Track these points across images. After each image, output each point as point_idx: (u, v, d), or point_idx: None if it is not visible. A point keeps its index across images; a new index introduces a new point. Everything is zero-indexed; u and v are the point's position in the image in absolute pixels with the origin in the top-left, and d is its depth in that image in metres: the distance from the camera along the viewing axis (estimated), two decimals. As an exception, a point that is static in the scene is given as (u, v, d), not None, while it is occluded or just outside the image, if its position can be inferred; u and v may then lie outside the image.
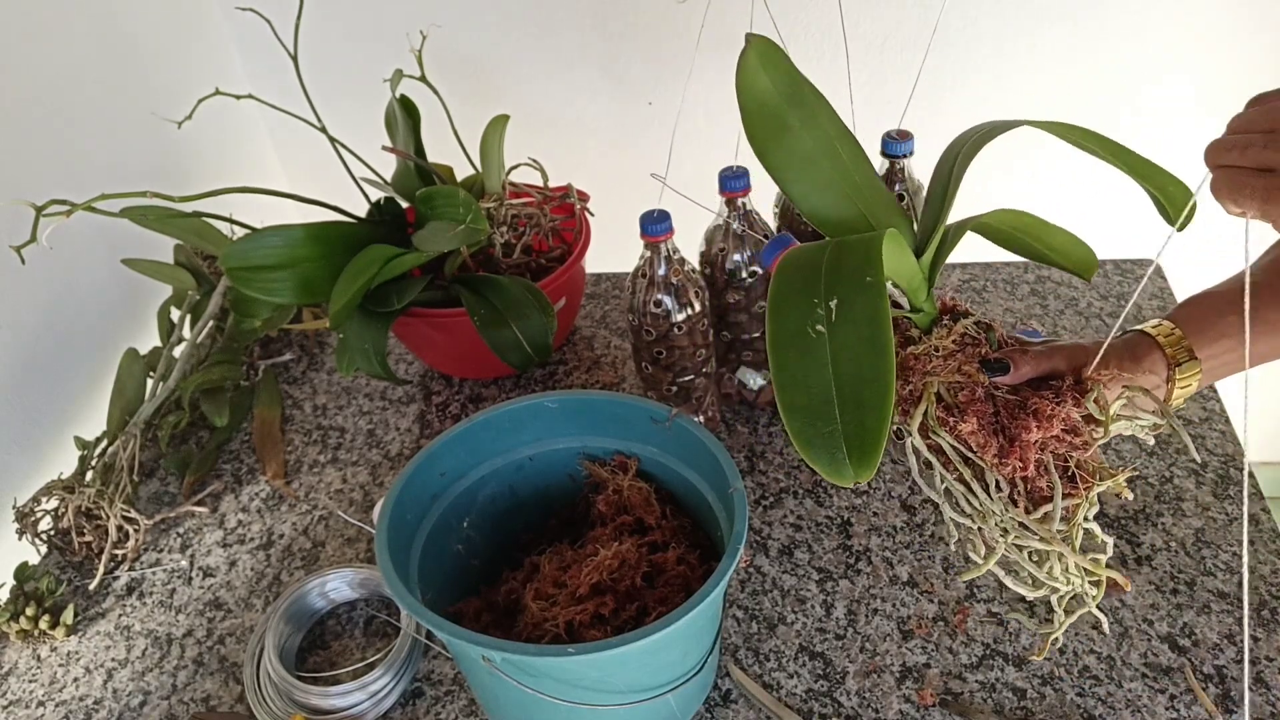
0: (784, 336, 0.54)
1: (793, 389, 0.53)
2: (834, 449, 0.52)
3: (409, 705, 0.78)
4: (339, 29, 1.32)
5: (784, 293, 0.56)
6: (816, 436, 0.52)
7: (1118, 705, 0.73)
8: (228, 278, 0.91)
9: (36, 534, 0.92)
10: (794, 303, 0.55)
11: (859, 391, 0.52)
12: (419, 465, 0.74)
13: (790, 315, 0.55)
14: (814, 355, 0.53)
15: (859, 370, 0.52)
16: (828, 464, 0.52)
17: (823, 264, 0.56)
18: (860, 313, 0.53)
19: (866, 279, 0.53)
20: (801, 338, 0.54)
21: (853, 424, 0.52)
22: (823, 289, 0.54)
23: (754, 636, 0.80)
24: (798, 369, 0.53)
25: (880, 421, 0.51)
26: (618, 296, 1.21)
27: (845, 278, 0.54)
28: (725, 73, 1.38)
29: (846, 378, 0.52)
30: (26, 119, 1.00)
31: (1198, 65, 1.25)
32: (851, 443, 0.51)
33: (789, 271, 0.57)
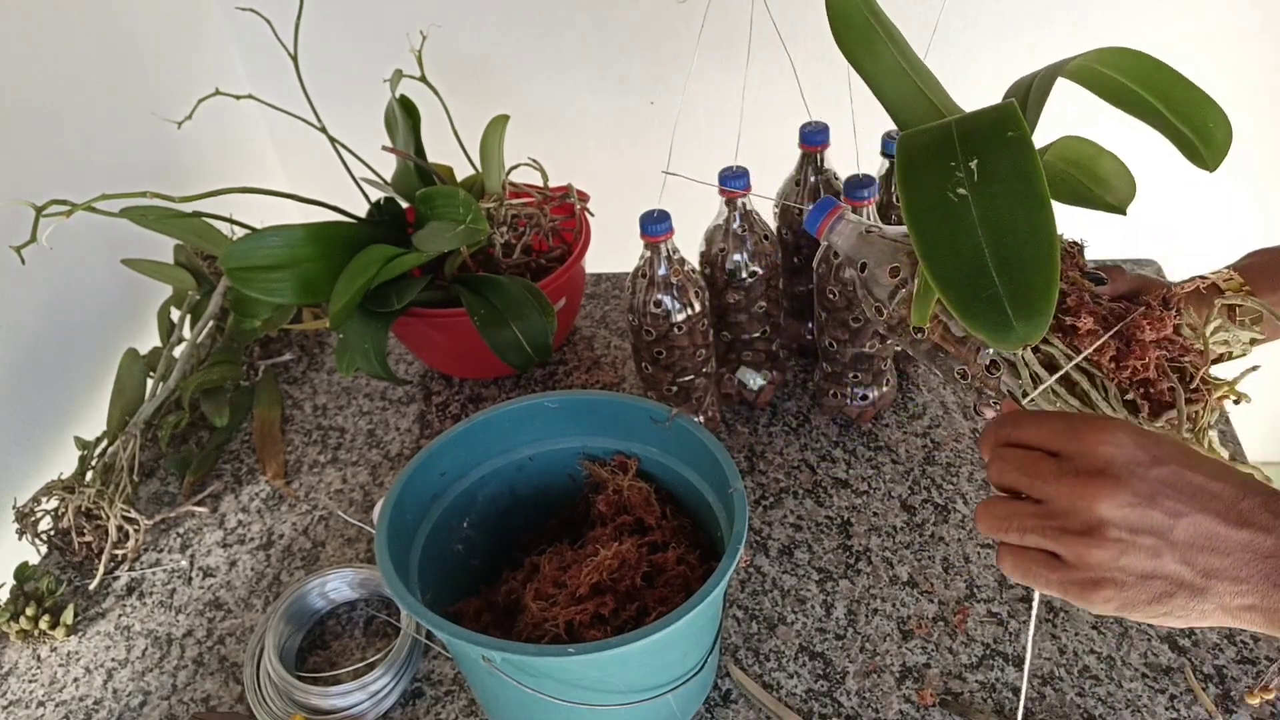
0: (922, 207, 0.52)
1: (941, 259, 0.51)
2: (997, 313, 0.49)
3: (409, 705, 0.78)
4: (339, 29, 1.32)
5: (913, 162, 0.53)
6: (976, 301, 0.50)
7: (1118, 705, 0.73)
8: (228, 278, 0.91)
9: (36, 534, 0.92)
10: (927, 170, 0.52)
11: (1017, 250, 0.49)
12: (419, 465, 0.74)
13: (926, 184, 0.52)
14: (960, 220, 0.51)
15: (1013, 226, 0.50)
16: (992, 329, 0.49)
17: (952, 132, 0.53)
18: (1006, 169, 0.50)
19: (1009, 134, 0.51)
20: (942, 205, 0.51)
21: (1014, 284, 0.49)
22: (959, 152, 0.52)
23: (754, 636, 0.80)
24: (943, 237, 0.51)
25: (1048, 276, 0.49)
26: (618, 296, 1.21)
27: (983, 138, 0.52)
28: (725, 73, 1.39)
29: (999, 238, 0.50)
30: (26, 119, 1.00)
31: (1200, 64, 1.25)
32: (1016, 303, 0.49)
33: (914, 144, 0.54)
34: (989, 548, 0.85)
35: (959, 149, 0.52)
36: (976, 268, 0.50)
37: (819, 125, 0.94)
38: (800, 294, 1.03)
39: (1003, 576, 0.83)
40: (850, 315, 0.90)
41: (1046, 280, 0.49)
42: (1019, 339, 0.49)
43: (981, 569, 0.83)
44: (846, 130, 0.91)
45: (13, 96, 0.99)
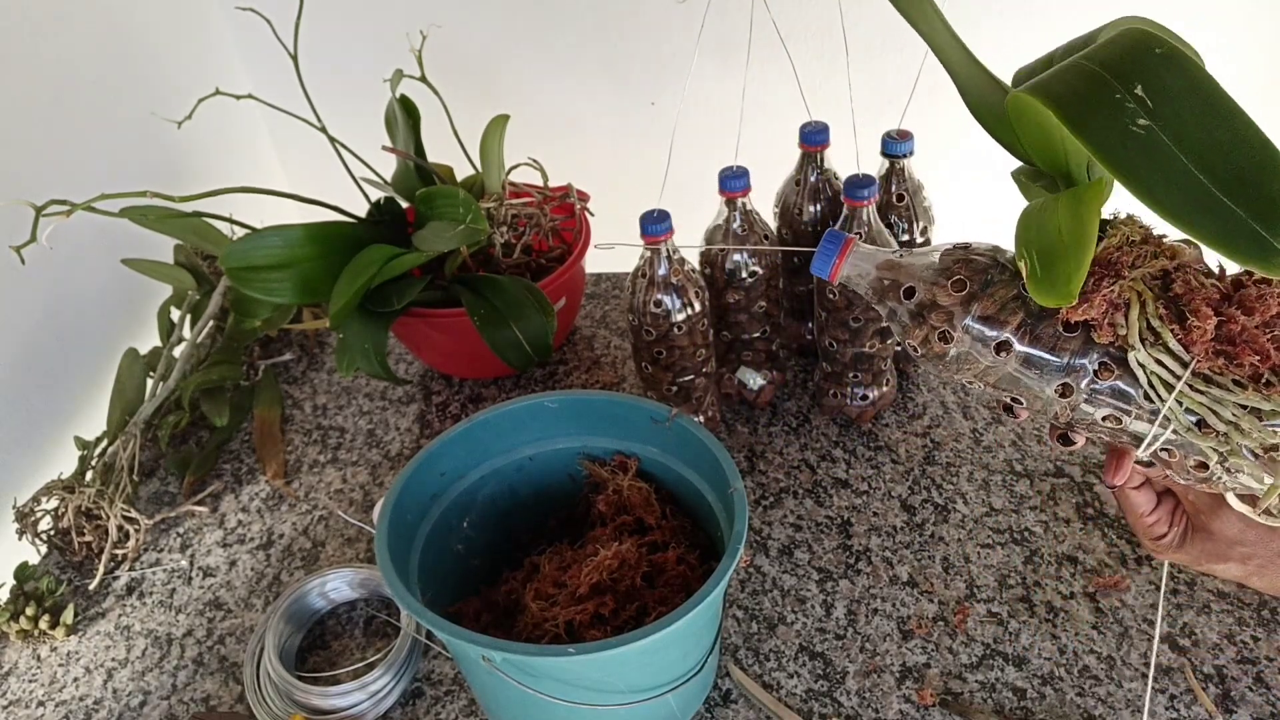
0: (1116, 151, 0.47)
1: (1166, 191, 0.46)
2: (1249, 235, 0.45)
3: (409, 705, 0.78)
4: (339, 29, 1.32)
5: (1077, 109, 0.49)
6: (1226, 233, 0.45)
7: (1118, 705, 0.73)
8: (228, 278, 0.91)
9: (36, 534, 0.92)
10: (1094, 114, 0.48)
11: (1233, 166, 0.45)
12: (419, 465, 0.74)
13: (1103, 125, 0.48)
14: (1159, 152, 0.46)
15: (1217, 143, 0.46)
16: (1258, 257, 0.44)
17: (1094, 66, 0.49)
18: (1177, 86, 0.47)
19: (1156, 51, 0.47)
20: (1131, 140, 0.47)
21: (1250, 201, 0.45)
22: (1116, 84, 0.48)
23: (754, 636, 0.80)
24: (1150, 171, 0.46)
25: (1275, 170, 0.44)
26: (618, 296, 1.21)
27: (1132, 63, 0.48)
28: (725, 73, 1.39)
29: (1207, 157, 0.46)
30: (26, 119, 1.00)
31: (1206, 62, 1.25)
32: (1266, 221, 0.44)
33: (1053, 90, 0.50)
34: (989, 548, 0.85)
35: (1114, 81, 0.48)
36: (1204, 195, 0.46)
37: (819, 125, 0.94)
38: (800, 294, 1.03)
39: (1003, 576, 0.83)
40: (850, 315, 0.90)
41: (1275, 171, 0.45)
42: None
43: (981, 569, 0.83)
44: (846, 130, 0.91)
45: (13, 96, 0.99)
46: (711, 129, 1.28)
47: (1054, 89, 0.50)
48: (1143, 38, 0.48)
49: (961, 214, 1.37)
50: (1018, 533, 0.86)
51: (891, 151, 0.93)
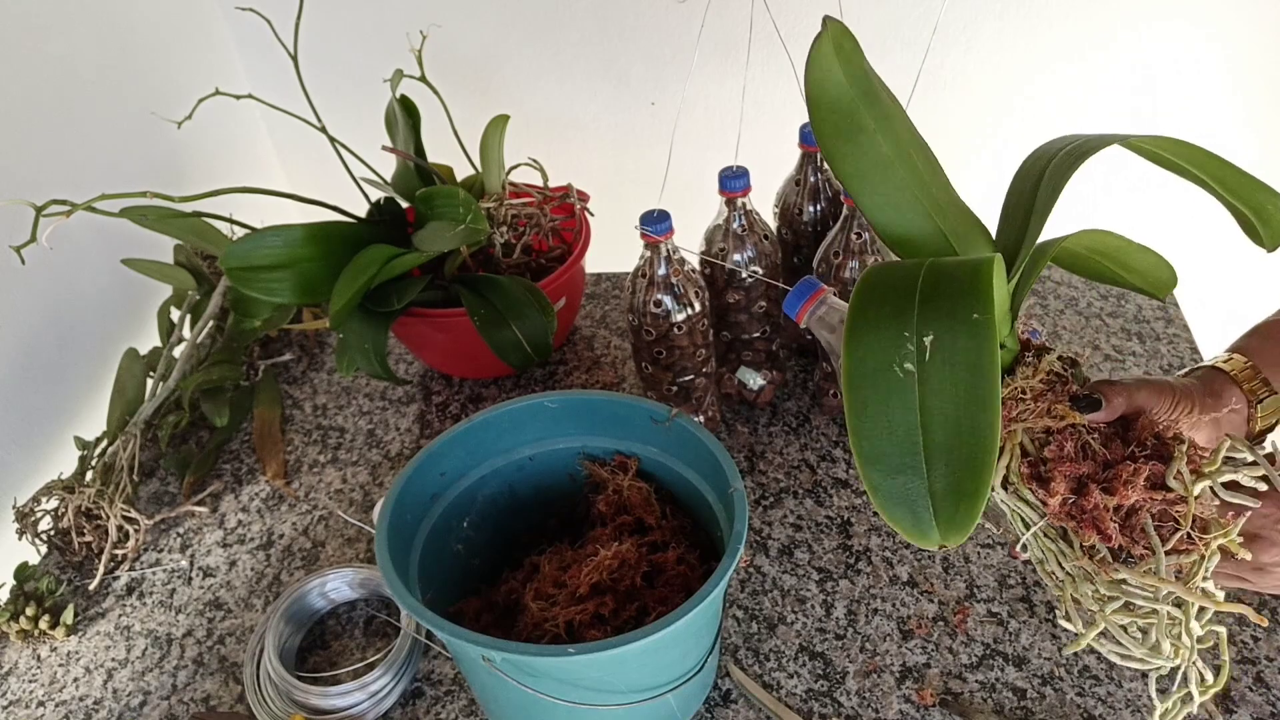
0: (863, 371, 0.47)
1: (872, 435, 0.47)
2: (918, 508, 0.46)
3: (409, 705, 0.78)
4: (339, 29, 1.32)
5: (866, 319, 0.48)
6: (897, 492, 0.46)
7: (1118, 705, 0.73)
8: (228, 278, 0.91)
9: (36, 534, 0.92)
10: (877, 332, 0.47)
11: (953, 445, 0.45)
12: (419, 465, 0.74)
13: (872, 347, 0.47)
14: (899, 397, 0.46)
15: (956, 420, 0.45)
16: (910, 524, 0.46)
17: (916, 289, 0.48)
18: (962, 355, 0.46)
19: (973, 315, 0.46)
20: (885, 375, 0.47)
21: (943, 481, 0.46)
22: (915, 320, 0.47)
23: (754, 636, 0.80)
24: (878, 412, 0.47)
25: (979, 483, 0.45)
26: (618, 296, 1.21)
27: (945, 310, 0.47)
28: (725, 73, 1.39)
29: (939, 427, 0.46)
30: (26, 119, 1.00)
31: (1206, 62, 1.25)
32: (940, 503, 0.46)
33: (872, 293, 0.49)
34: (989, 548, 0.85)
35: (917, 317, 0.47)
36: (908, 453, 0.46)
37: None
38: (800, 294, 1.03)
39: (1003, 576, 0.83)
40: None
41: (977, 485, 0.45)
42: (937, 540, 0.46)
43: (981, 569, 0.83)
44: (846, 130, 0.90)
45: (13, 96, 0.99)
46: (711, 129, 1.29)
47: (875, 285, 0.49)
48: (978, 289, 0.47)
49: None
50: (1018, 533, 0.86)
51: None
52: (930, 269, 0.49)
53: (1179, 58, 1.25)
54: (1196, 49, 1.24)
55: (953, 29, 1.24)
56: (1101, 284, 0.64)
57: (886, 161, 0.57)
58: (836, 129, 0.56)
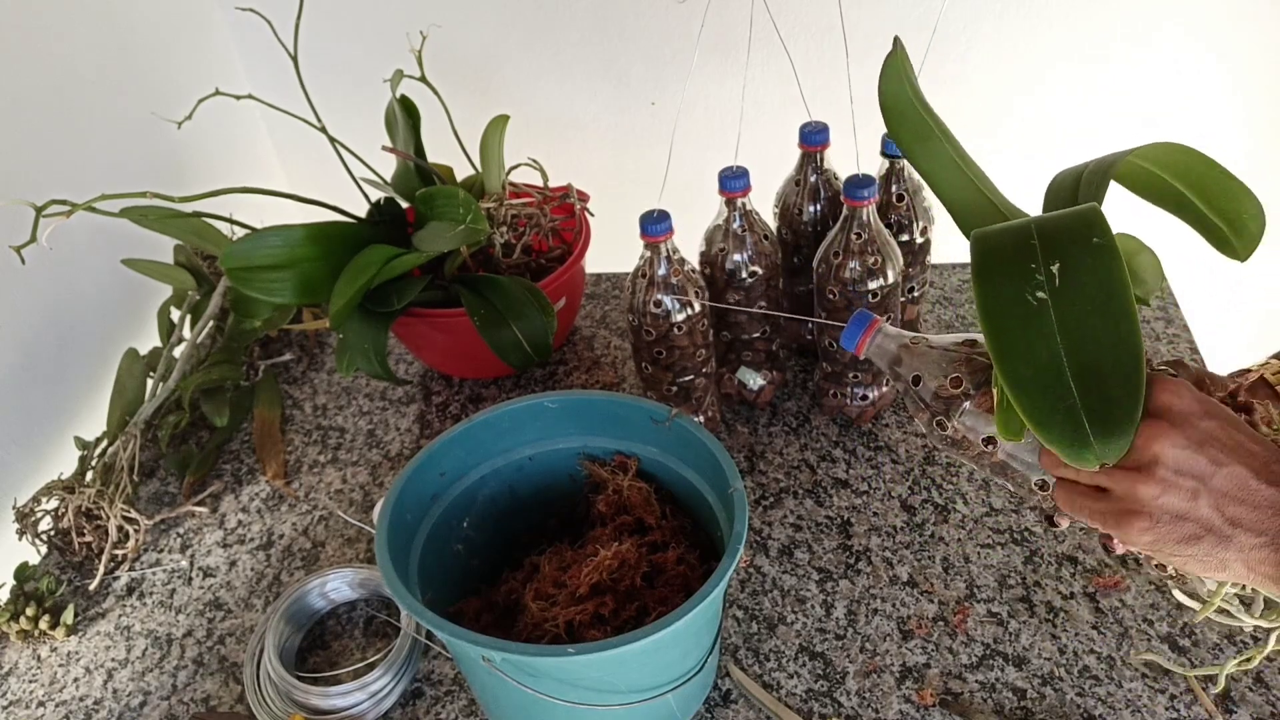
0: (998, 308, 0.50)
1: (1015, 359, 0.49)
2: (1074, 425, 0.47)
3: (409, 705, 0.78)
4: (339, 29, 1.32)
5: (989, 262, 0.51)
6: (1053, 413, 0.47)
7: (1118, 705, 0.73)
8: (228, 278, 0.91)
9: (36, 534, 0.92)
10: (1005, 271, 0.50)
11: (1099, 362, 0.47)
12: (419, 465, 0.74)
13: (1003, 284, 0.50)
14: (1037, 324, 0.48)
15: (1095, 337, 0.47)
16: (1067, 444, 0.47)
17: (1032, 232, 0.51)
18: (1092, 274, 0.48)
19: (1094, 240, 0.49)
20: (1020, 307, 0.49)
21: (1094, 397, 0.47)
22: (1039, 254, 0.49)
23: (754, 636, 0.80)
24: (1019, 341, 0.49)
25: (1131, 392, 0.47)
26: (618, 296, 1.21)
27: (1066, 241, 0.49)
28: (725, 73, 1.39)
29: (1080, 347, 0.48)
30: (26, 119, 1.00)
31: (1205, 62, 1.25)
32: (1095, 418, 0.47)
33: (990, 244, 0.52)
34: (989, 548, 0.85)
35: (1039, 251, 0.50)
36: (1054, 376, 0.48)
37: (819, 125, 0.94)
38: (800, 294, 1.03)
39: (1003, 576, 0.83)
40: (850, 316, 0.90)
41: (1130, 397, 0.47)
42: (1095, 458, 0.48)
43: (981, 569, 0.83)
44: (846, 130, 0.91)
45: (13, 96, 0.99)
46: (711, 129, 1.28)
47: (990, 240, 0.52)
48: (1089, 222, 0.50)
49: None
50: (1018, 533, 0.86)
51: (891, 151, 0.93)
52: (1039, 220, 0.52)
53: (1178, 58, 1.25)
54: (1196, 49, 1.24)
55: (953, 29, 1.24)
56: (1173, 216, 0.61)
57: (953, 163, 0.63)
58: (913, 133, 0.64)
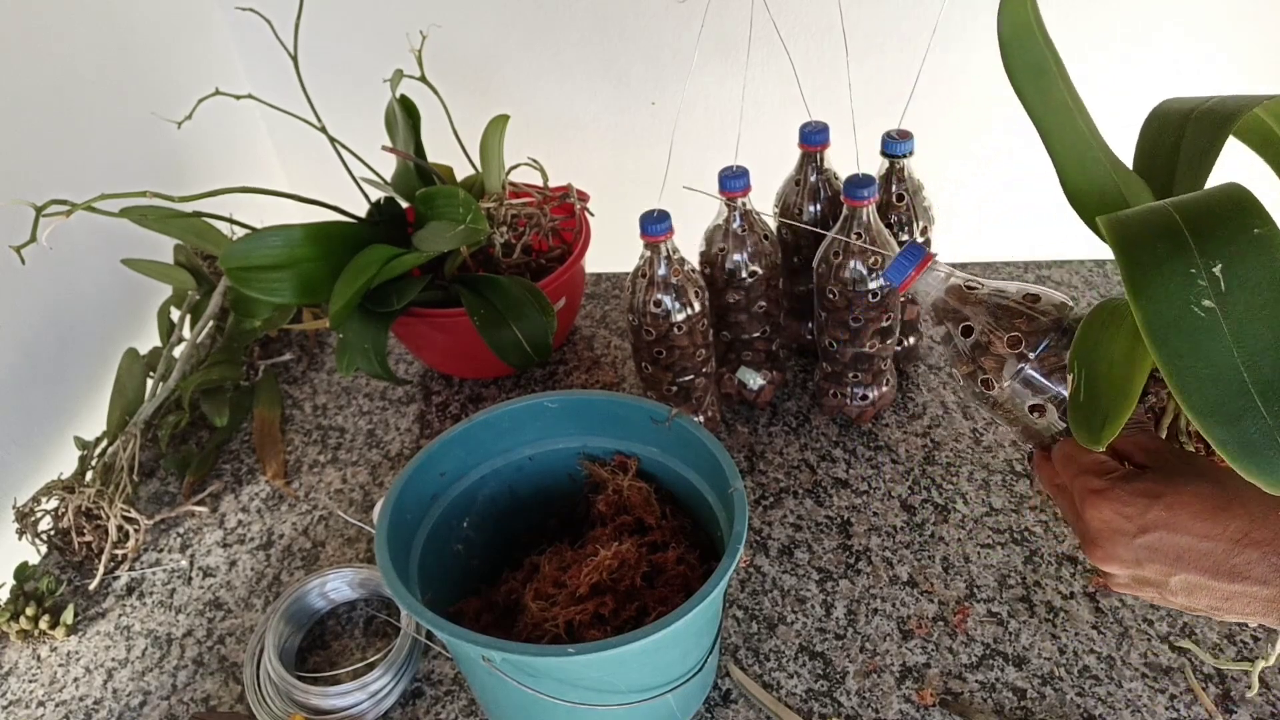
0: (1163, 323, 0.44)
1: (1197, 387, 0.43)
2: (1271, 450, 0.42)
3: (409, 705, 0.78)
4: (339, 29, 1.32)
5: (1144, 260, 0.45)
6: (1247, 442, 0.42)
7: (1118, 705, 0.73)
8: (228, 278, 0.91)
9: (36, 534, 0.92)
10: (1162, 276, 0.44)
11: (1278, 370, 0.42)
12: (419, 465, 0.74)
13: (1162, 295, 0.44)
14: (1211, 338, 0.43)
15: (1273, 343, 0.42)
16: (1269, 471, 0.42)
17: (1179, 226, 0.45)
18: (1260, 275, 0.43)
19: (1255, 230, 0.43)
20: (1187, 319, 0.44)
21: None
22: (1195, 252, 0.44)
23: (754, 636, 0.80)
24: (1193, 359, 0.43)
25: None
26: (618, 296, 1.21)
27: (1224, 235, 0.44)
28: (725, 73, 1.39)
29: (1259, 360, 0.43)
30: (26, 119, 1.00)
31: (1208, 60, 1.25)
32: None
33: (1132, 240, 0.46)
34: (989, 548, 0.85)
35: (1194, 248, 0.45)
36: (1238, 395, 0.43)
37: (819, 125, 0.94)
38: (800, 294, 1.03)
39: (1003, 576, 0.83)
40: (850, 315, 0.90)
41: None
42: None
43: (981, 569, 0.83)
44: (846, 130, 0.91)
45: (13, 96, 0.99)
46: (711, 129, 1.29)
47: (1131, 232, 0.46)
48: (1245, 206, 0.45)
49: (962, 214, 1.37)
50: (1018, 533, 0.86)
51: (891, 151, 0.93)
52: (1179, 206, 0.47)
53: (1178, 58, 1.25)
54: (1198, 46, 1.24)
55: (953, 29, 1.24)
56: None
57: (1066, 107, 0.57)
58: (1025, 66, 0.58)
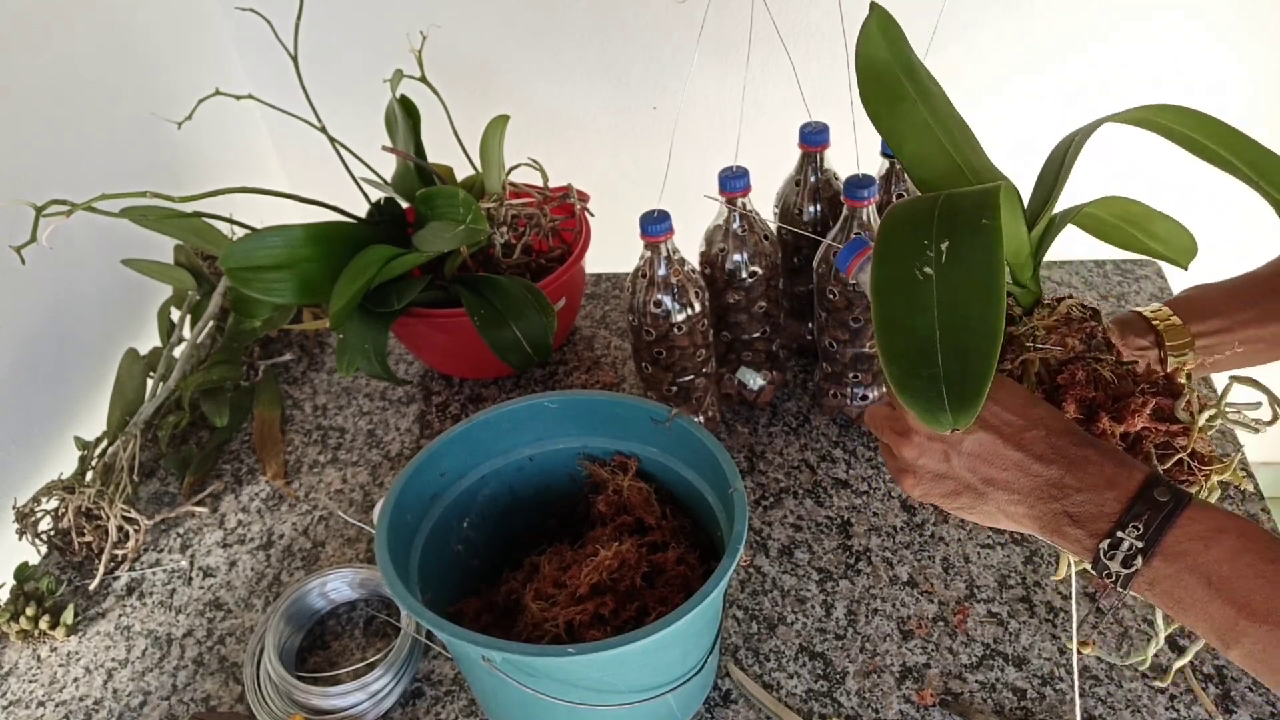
0: (888, 280, 0.53)
1: (893, 333, 0.52)
2: (932, 394, 0.51)
3: (409, 705, 0.78)
4: (339, 29, 1.32)
5: (892, 236, 0.55)
6: (915, 380, 0.51)
7: (1118, 705, 0.73)
8: (228, 278, 0.91)
9: (36, 534, 0.92)
10: (901, 246, 0.54)
11: (963, 336, 0.51)
12: (419, 465, 0.74)
13: (896, 258, 0.53)
14: (919, 298, 0.52)
15: (966, 314, 0.51)
16: (924, 409, 0.51)
17: (935, 209, 0.54)
18: (973, 255, 0.52)
19: (983, 221, 0.52)
20: (907, 281, 0.52)
21: (955, 369, 0.50)
22: (934, 231, 0.53)
23: (754, 636, 0.80)
24: (901, 312, 0.52)
25: (984, 367, 0.50)
26: (618, 296, 1.21)
27: (960, 221, 0.53)
28: (725, 73, 1.39)
29: (951, 322, 0.51)
30: (26, 119, 1.00)
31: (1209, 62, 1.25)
32: (952, 388, 0.50)
33: (897, 217, 0.55)
34: (989, 548, 0.85)
35: (935, 228, 0.53)
36: (924, 347, 0.51)
37: (819, 125, 0.94)
38: (800, 294, 1.03)
39: (1003, 576, 0.83)
40: (850, 315, 0.90)
41: (982, 373, 0.50)
42: (949, 423, 0.51)
43: (981, 569, 0.83)
44: (846, 130, 0.91)
45: (13, 96, 0.99)
46: (711, 129, 1.29)
47: (901, 213, 0.56)
48: (984, 203, 0.53)
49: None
50: (1017, 533, 0.86)
51: (891, 152, 0.93)
52: (948, 196, 0.56)
53: (1178, 57, 1.25)
54: (1199, 44, 1.24)
55: (953, 29, 1.24)
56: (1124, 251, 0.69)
57: (922, 124, 0.65)
58: (880, 95, 0.66)
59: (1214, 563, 0.50)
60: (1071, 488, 0.53)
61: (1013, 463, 0.55)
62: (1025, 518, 0.56)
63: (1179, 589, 0.51)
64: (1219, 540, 0.50)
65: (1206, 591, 0.50)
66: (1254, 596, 0.49)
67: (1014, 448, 0.55)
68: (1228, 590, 0.50)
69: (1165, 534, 0.51)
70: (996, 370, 0.52)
